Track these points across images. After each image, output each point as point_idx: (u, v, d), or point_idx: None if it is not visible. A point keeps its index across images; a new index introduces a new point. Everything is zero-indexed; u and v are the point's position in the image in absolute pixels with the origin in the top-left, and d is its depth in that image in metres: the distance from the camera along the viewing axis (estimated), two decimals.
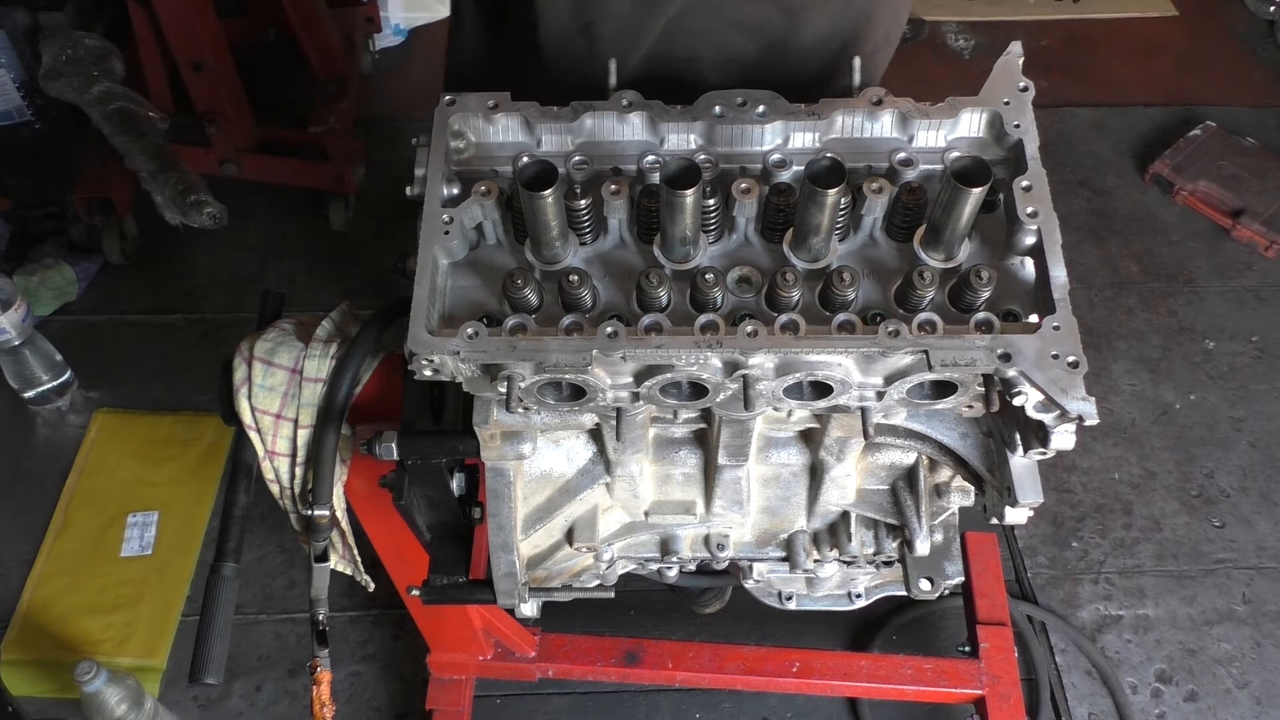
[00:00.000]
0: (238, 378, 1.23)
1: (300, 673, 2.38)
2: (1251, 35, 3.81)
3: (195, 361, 2.87)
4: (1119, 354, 2.94)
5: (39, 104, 3.35)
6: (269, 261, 3.13)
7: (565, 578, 1.51)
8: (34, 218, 3.10)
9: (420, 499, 1.28)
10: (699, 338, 1.02)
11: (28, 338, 2.62)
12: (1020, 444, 1.11)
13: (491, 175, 1.16)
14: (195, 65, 2.83)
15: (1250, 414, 2.83)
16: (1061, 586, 2.54)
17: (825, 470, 1.35)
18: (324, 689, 1.43)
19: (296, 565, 2.52)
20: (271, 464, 1.26)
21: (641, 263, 1.12)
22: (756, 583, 1.68)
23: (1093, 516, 2.64)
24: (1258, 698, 2.37)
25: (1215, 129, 3.35)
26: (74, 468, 2.66)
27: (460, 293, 1.12)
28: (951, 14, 3.86)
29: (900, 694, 2.13)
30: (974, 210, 1.04)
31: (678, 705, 2.34)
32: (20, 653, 2.38)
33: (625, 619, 2.43)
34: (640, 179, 1.14)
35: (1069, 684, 2.38)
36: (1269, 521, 2.64)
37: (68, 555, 2.52)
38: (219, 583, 1.21)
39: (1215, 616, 2.49)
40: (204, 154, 2.99)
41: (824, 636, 2.39)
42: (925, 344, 1.01)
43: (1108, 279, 3.11)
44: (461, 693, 2.14)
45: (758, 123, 1.13)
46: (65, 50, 2.84)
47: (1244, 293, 3.09)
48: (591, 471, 1.34)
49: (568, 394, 1.10)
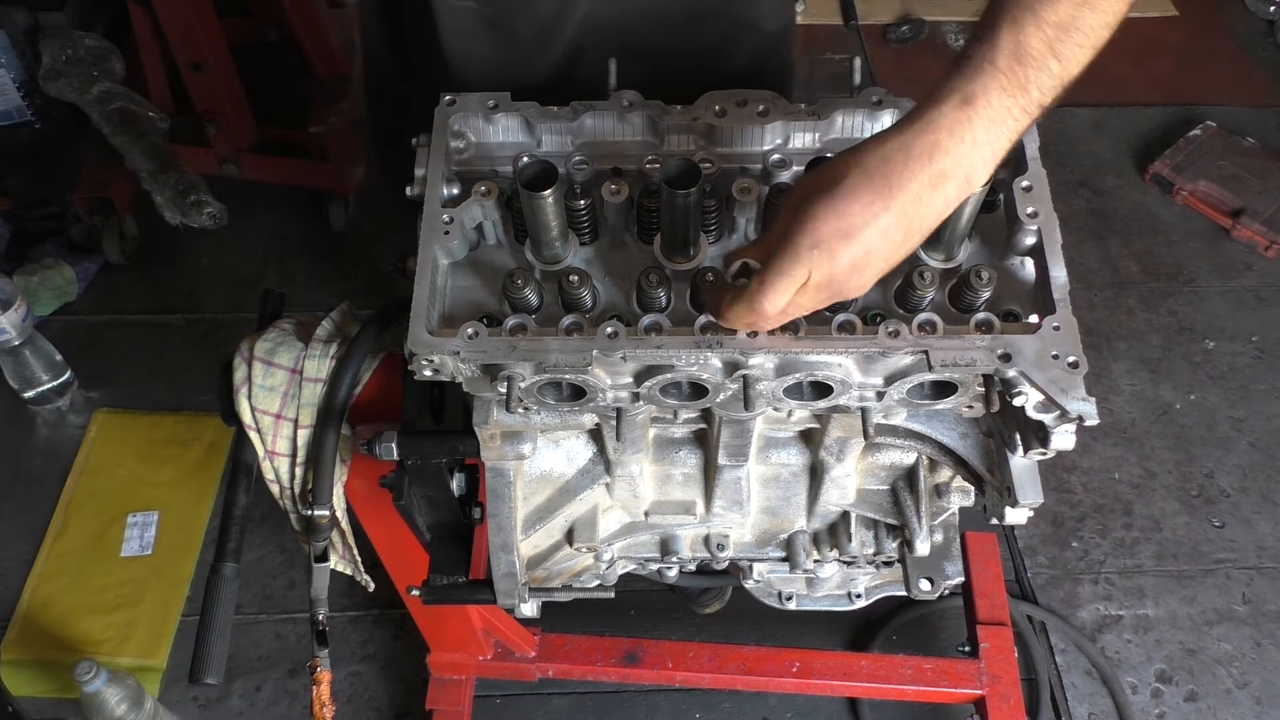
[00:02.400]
0: (238, 378, 1.23)
1: (300, 673, 2.38)
2: (1251, 35, 3.81)
3: (195, 361, 2.87)
4: (1119, 354, 2.95)
5: (39, 104, 3.35)
6: (269, 261, 3.13)
7: (565, 578, 1.51)
8: (34, 218, 3.10)
9: (420, 499, 1.28)
10: (699, 338, 1.02)
11: (28, 338, 2.62)
12: (1020, 444, 1.11)
13: (491, 175, 1.16)
14: (195, 65, 2.83)
15: (1250, 414, 2.83)
16: (1061, 586, 2.54)
17: (825, 470, 1.35)
18: (324, 689, 1.43)
19: (296, 565, 2.52)
20: (271, 464, 1.26)
21: (641, 263, 1.12)
22: (756, 583, 1.68)
23: (1093, 516, 2.64)
24: (1258, 698, 2.37)
25: (1215, 129, 3.35)
26: (74, 468, 2.66)
27: (460, 293, 1.12)
28: (951, 14, 3.86)
29: (900, 694, 2.13)
30: (974, 210, 1.04)
31: (678, 705, 2.34)
32: (20, 653, 2.38)
33: (625, 619, 2.43)
34: (640, 179, 1.14)
35: (1069, 684, 2.38)
36: (1269, 521, 2.64)
37: (68, 555, 2.52)
38: (219, 583, 1.21)
39: (1215, 616, 2.49)
40: (204, 154, 2.99)
41: (824, 636, 2.39)
42: (925, 344, 1.01)
43: (1108, 279, 3.11)
44: (461, 693, 2.14)
45: (758, 123, 1.13)
46: (65, 50, 2.85)
47: (1244, 293, 3.09)
48: (591, 472, 1.34)
49: (568, 394, 1.10)
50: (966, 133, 0.86)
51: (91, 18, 3.12)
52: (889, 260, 0.91)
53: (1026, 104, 0.87)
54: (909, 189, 0.87)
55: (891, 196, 0.87)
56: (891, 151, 0.88)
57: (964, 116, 0.86)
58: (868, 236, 0.88)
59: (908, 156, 0.87)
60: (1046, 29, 0.85)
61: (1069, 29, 0.86)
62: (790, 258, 0.90)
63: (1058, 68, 0.87)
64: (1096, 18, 0.87)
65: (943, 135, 0.86)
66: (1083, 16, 0.86)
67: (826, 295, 0.93)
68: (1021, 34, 0.85)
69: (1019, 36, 0.85)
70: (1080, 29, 0.86)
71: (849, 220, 0.87)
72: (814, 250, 0.89)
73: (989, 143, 0.87)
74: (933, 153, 0.86)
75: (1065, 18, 0.86)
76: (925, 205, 0.88)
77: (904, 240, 0.90)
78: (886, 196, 0.87)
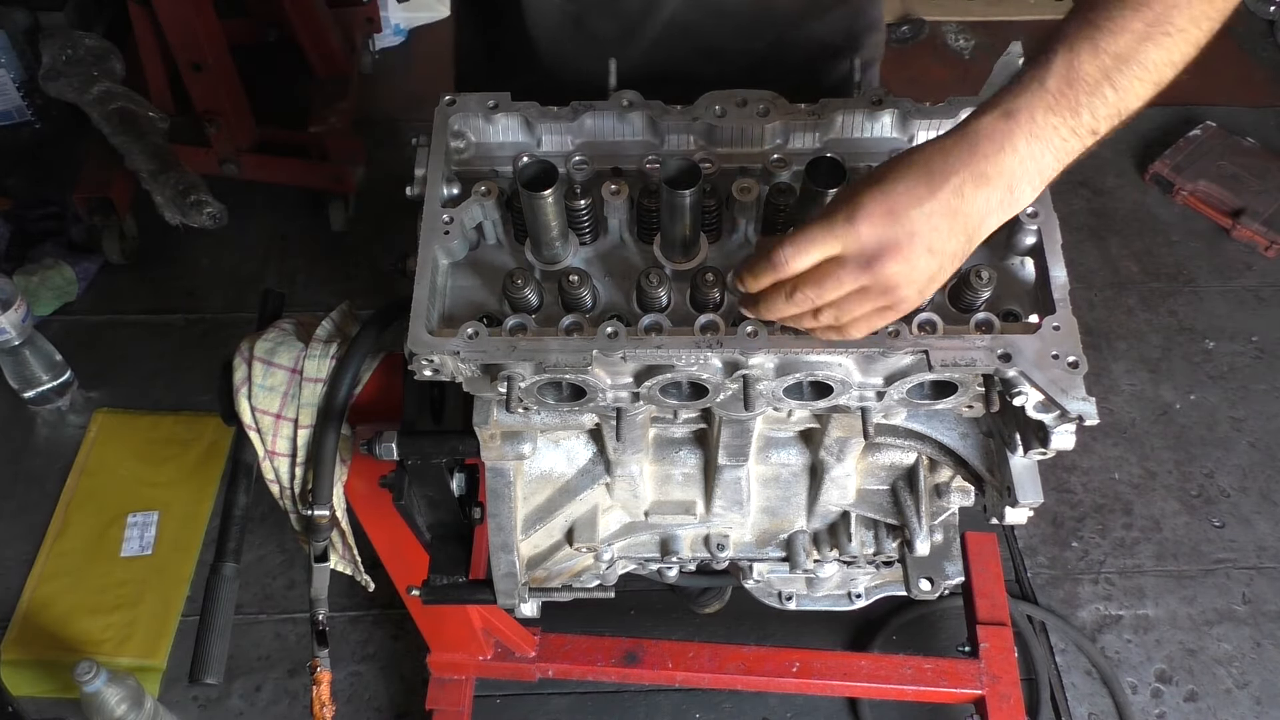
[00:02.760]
0: (238, 378, 1.23)
1: (300, 673, 2.38)
2: (1251, 35, 3.81)
3: (195, 361, 2.87)
4: (1119, 354, 2.95)
5: (39, 104, 3.35)
6: (269, 261, 3.13)
7: (565, 578, 1.51)
8: (34, 218, 3.10)
9: (420, 499, 1.28)
10: (699, 338, 1.02)
11: (28, 338, 2.62)
12: (1020, 444, 1.11)
13: (491, 175, 1.16)
14: (195, 65, 2.83)
15: (1250, 414, 2.83)
16: (1061, 586, 2.54)
17: (825, 470, 1.35)
18: (324, 689, 1.43)
19: (296, 565, 2.52)
20: (271, 464, 1.26)
21: (641, 263, 1.12)
22: (756, 583, 1.68)
23: (1093, 516, 2.65)
24: (1258, 698, 2.38)
25: (1215, 129, 3.35)
26: (74, 468, 2.66)
27: (460, 293, 1.12)
28: (951, 14, 3.86)
29: (900, 694, 2.13)
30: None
31: (678, 705, 2.34)
32: (20, 653, 2.38)
33: (625, 619, 2.43)
34: (640, 179, 1.14)
35: (1069, 684, 2.39)
36: (1269, 521, 2.64)
37: (68, 555, 2.52)
38: (219, 583, 1.21)
39: (1215, 616, 2.49)
40: (204, 154, 2.99)
41: (824, 636, 2.40)
42: (925, 344, 1.01)
43: (1108, 279, 3.12)
44: (461, 693, 2.14)
45: (758, 123, 1.13)
46: (65, 50, 2.85)
47: (1244, 293, 3.10)
48: (591, 472, 1.34)
49: (568, 394, 1.10)
50: (1006, 141, 0.88)
51: (91, 18, 3.13)
52: (934, 251, 0.90)
53: (1076, 126, 0.88)
54: (951, 182, 0.88)
55: (936, 185, 0.88)
56: (933, 151, 0.90)
57: (1004, 127, 0.88)
58: (912, 219, 0.88)
59: (947, 155, 0.89)
60: (1104, 58, 0.87)
61: (1128, 61, 0.87)
62: (823, 223, 0.90)
63: (1114, 97, 0.88)
64: (1160, 54, 0.88)
65: (982, 141, 0.88)
66: (1144, 51, 0.87)
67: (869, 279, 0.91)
68: (1076, 59, 0.87)
69: (1073, 62, 0.87)
70: (1140, 63, 0.87)
71: (893, 200, 0.88)
72: (850, 222, 0.89)
73: (1032, 157, 0.88)
74: (972, 154, 0.88)
75: (1125, 49, 0.87)
76: (969, 203, 0.88)
77: (950, 233, 0.89)
78: (931, 184, 0.88)
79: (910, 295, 0.93)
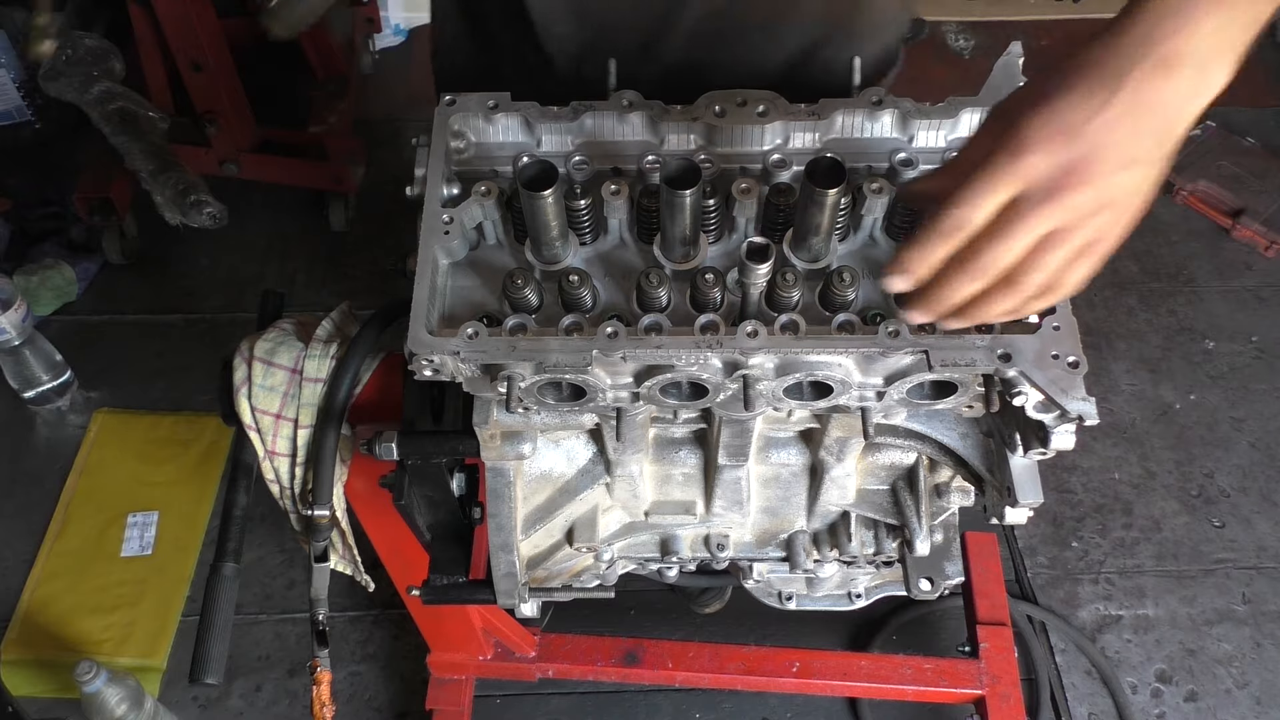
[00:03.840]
0: (238, 378, 1.23)
1: (300, 673, 2.38)
2: None
3: (195, 361, 2.87)
4: (1119, 354, 2.95)
5: (39, 104, 3.35)
6: (269, 261, 3.13)
7: (565, 578, 1.51)
8: (34, 218, 3.10)
9: (420, 499, 1.28)
10: (699, 338, 1.02)
11: (28, 338, 2.62)
12: (1020, 444, 1.11)
13: (491, 175, 1.16)
14: (195, 65, 2.83)
15: (1250, 414, 2.83)
16: (1061, 586, 2.54)
17: (825, 470, 1.35)
18: (324, 689, 1.43)
19: (296, 565, 2.52)
20: (271, 464, 1.26)
21: (641, 263, 1.12)
22: (756, 583, 1.68)
23: (1093, 516, 2.65)
24: (1258, 698, 2.38)
25: (1215, 129, 3.36)
26: (74, 468, 2.66)
27: (460, 293, 1.12)
28: (951, 14, 3.86)
29: (900, 694, 2.13)
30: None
31: (678, 705, 2.34)
32: (20, 653, 2.38)
33: (625, 619, 2.43)
34: (640, 179, 1.14)
35: (1069, 684, 2.39)
36: (1269, 521, 2.64)
37: (68, 555, 2.52)
38: (219, 583, 1.21)
39: (1215, 616, 2.49)
40: (204, 154, 2.99)
41: (824, 636, 2.40)
42: (925, 344, 1.01)
43: (1108, 279, 3.12)
44: (461, 693, 2.14)
45: (758, 123, 1.13)
46: (65, 50, 2.84)
47: (1244, 293, 3.10)
48: (591, 471, 1.34)
49: (568, 394, 1.10)
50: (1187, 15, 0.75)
51: (91, 18, 3.12)
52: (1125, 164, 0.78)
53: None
54: (1132, 74, 0.76)
55: (1114, 83, 0.76)
56: (1099, 49, 0.78)
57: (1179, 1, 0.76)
58: (1093, 132, 0.76)
59: (1119, 47, 0.77)
60: None
61: None
62: (985, 164, 0.79)
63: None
64: None
65: (1153, 21, 0.76)
66: None
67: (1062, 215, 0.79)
68: None
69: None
70: None
71: (1066, 116, 0.77)
72: (1016, 155, 0.77)
73: (1217, 28, 0.76)
74: (1149, 39, 0.76)
75: None
76: (1158, 95, 0.77)
77: (1136, 137, 0.77)
78: (1107, 84, 0.76)
79: (1116, 221, 0.81)
